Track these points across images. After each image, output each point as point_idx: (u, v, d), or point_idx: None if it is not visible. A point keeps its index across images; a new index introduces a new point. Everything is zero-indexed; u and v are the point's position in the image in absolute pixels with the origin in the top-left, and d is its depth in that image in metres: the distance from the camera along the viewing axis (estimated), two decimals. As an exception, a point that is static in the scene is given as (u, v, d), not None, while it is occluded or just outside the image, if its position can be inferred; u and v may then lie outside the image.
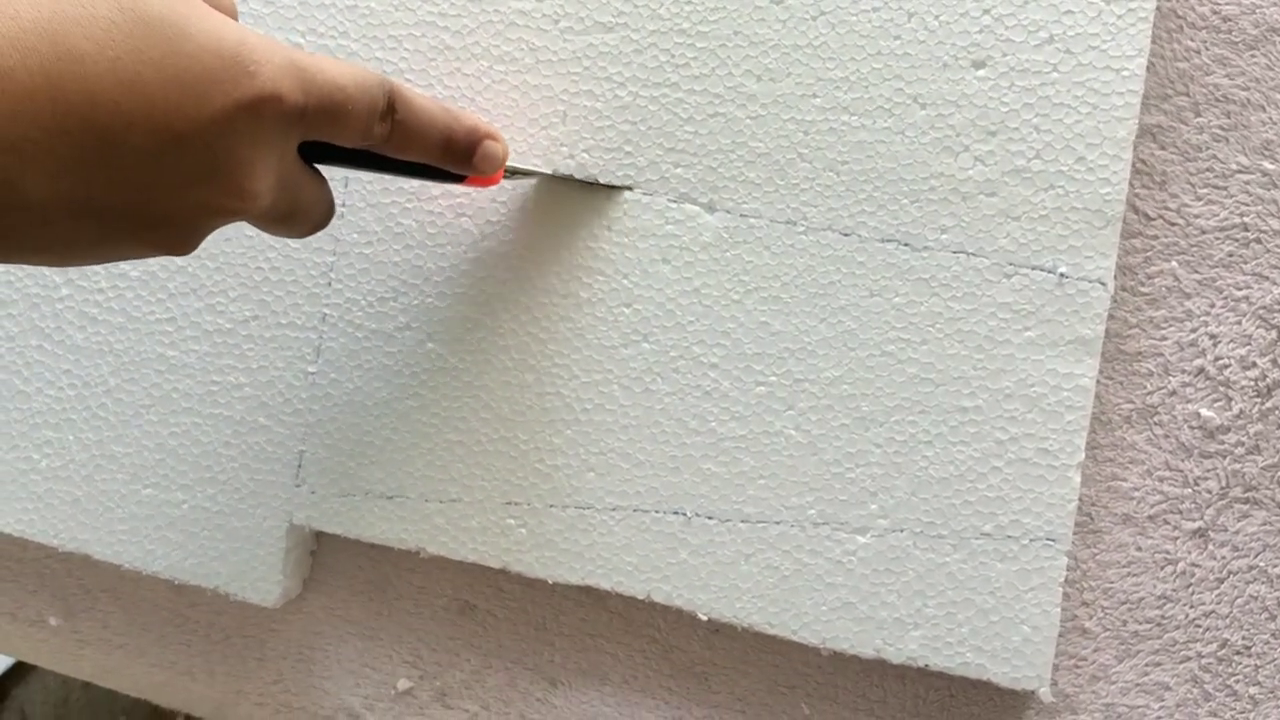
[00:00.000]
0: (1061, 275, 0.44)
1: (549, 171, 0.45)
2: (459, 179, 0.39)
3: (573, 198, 0.46)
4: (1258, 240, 0.47)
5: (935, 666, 0.44)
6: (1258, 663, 0.47)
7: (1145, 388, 0.47)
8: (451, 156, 0.37)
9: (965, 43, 0.44)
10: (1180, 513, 0.47)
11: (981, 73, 0.44)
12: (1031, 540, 0.44)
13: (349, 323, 0.48)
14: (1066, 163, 0.43)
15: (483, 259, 0.47)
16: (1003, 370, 0.44)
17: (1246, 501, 0.47)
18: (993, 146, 0.44)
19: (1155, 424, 0.47)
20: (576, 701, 0.52)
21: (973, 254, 0.44)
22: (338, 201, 0.48)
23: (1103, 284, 0.43)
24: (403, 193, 0.47)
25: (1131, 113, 0.43)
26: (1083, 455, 0.43)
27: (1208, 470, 0.47)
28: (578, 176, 0.46)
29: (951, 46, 0.44)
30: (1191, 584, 0.47)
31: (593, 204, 0.46)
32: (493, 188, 0.46)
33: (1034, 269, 0.44)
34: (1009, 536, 0.44)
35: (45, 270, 0.50)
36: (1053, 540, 0.44)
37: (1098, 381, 0.46)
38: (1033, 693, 0.44)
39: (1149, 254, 0.47)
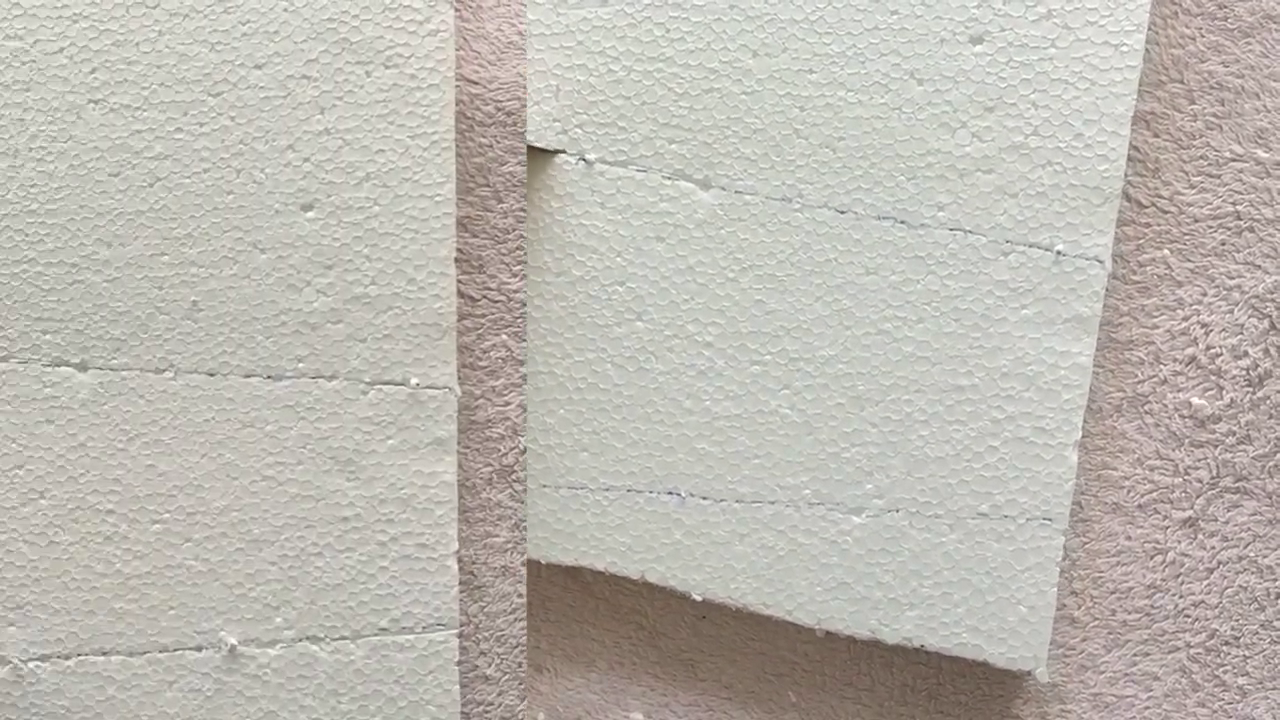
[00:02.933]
0: (1058, 253, 0.43)
1: None
2: None
3: (566, 174, 0.45)
4: (1250, 229, 0.47)
5: (931, 647, 0.44)
6: (1246, 653, 0.47)
7: (1136, 376, 0.47)
8: None
9: (963, 18, 0.44)
10: (1170, 502, 0.47)
11: (979, 48, 0.44)
12: (1028, 520, 0.43)
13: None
14: (1064, 139, 0.43)
15: (474, 236, 0.46)
16: (999, 348, 0.44)
17: (1237, 491, 0.47)
18: (990, 123, 0.43)
19: (1146, 413, 0.47)
20: (562, 688, 0.51)
21: (969, 231, 0.44)
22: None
23: (1100, 261, 0.43)
24: (393, 169, 0.46)
25: (1130, 89, 0.43)
26: (1080, 434, 0.43)
27: (1198, 459, 0.47)
28: (569, 151, 0.45)
29: (949, 21, 0.44)
30: (1181, 574, 0.47)
31: (586, 181, 0.45)
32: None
33: (1031, 246, 0.43)
34: (1005, 516, 0.44)
35: None
36: (1049, 520, 0.43)
37: (1094, 362, 0.46)
38: (1029, 674, 0.44)
39: (1141, 241, 0.47)
